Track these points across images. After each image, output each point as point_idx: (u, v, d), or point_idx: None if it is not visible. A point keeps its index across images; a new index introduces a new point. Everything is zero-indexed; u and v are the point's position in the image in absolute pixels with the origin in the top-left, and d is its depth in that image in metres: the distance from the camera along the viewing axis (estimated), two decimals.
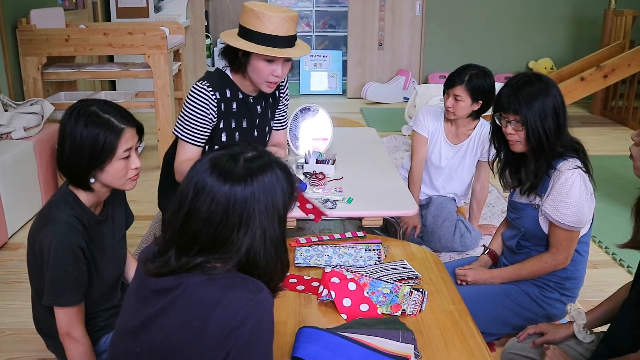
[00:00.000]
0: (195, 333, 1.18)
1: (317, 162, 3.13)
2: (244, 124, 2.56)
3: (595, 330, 2.03)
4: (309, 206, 1.95)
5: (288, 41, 2.32)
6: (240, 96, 2.49)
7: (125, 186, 1.89)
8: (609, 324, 1.88)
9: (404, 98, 8.02)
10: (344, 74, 8.72)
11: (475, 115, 3.27)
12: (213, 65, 9.35)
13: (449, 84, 3.18)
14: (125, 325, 1.34)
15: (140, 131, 1.87)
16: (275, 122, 2.75)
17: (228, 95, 2.47)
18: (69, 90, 5.42)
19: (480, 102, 3.16)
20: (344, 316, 1.85)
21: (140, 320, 1.28)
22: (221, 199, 1.20)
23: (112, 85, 7.20)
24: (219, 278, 1.22)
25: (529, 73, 2.26)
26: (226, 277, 1.22)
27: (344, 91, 8.73)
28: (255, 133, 2.64)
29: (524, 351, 2.12)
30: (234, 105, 2.48)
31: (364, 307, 1.87)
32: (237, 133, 2.55)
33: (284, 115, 2.77)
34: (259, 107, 2.59)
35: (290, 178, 1.29)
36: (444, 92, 3.25)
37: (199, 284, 1.22)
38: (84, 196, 1.86)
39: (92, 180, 1.81)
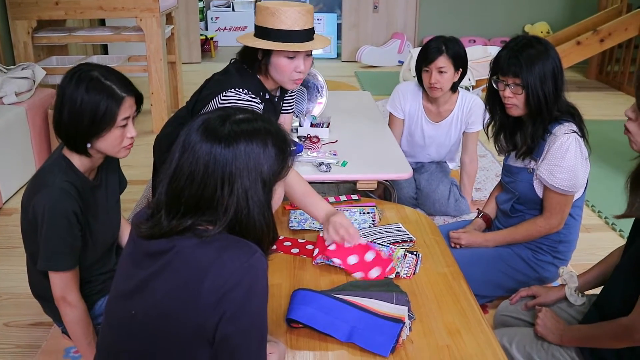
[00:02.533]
0: (189, 295, 1.19)
1: (312, 125, 3.12)
2: None
3: (586, 293, 2.05)
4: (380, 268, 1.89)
5: (307, 35, 2.26)
6: (267, 97, 2.42)
7: (119, 154, 1.87)
8: (601, 288, 1.90)
9: (399, 62, 7.97)
10: (339, 37, 8.65)
11: (454, 88, 3.21)
12: (206, 29, 9.25)
13: (429, 58, 3.05)
14: (120, 288, 1.34)
15: (138, 100, 1.86)
16: (282, 107, 2.70)
17: (260, 97, 2.40)
18: (60, 54, 5.36)
19: (460, 70, 3.12)
20: (359, 275, 1.85)
21: (134, 283, 1.29)
22: (202, 156, 1.20)
23: (104, 50, 7.12)
24: (212, 240, 1.22)
25: (528, 36, 2.23)
26: (219, 239, 1.23)
27: (339, 55, 8.67)
28: None
29: (516, 313, 2.15)
30: (262, 107, 2.43)
31: (369, 256, 1.89)
32: None
33: (292, 101, 2.73)
34: (281, 104, 2.56)
35: (283, 145, 1.28)
36: (421, 71, 3.13)
37: (192, 246, 1.22)
38: (77, 161, 1.85)
39: (89, 145, 1.80)
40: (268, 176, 1.25)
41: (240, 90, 2.28)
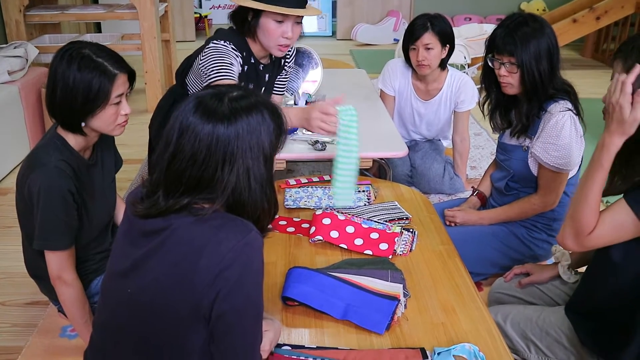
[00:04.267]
0: (185, 273, 1.19)
1: (307, 103, 3.10)
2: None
3: (579, 270, 2.06)
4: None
5: (298, 2, 2.25)
6: (252, 61, 2.42)
7: (113, 132, 1.87)
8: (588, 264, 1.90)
9: (394, 40, 7.93)
10: (334, 15, 8.59)
11: (443, 65, 3.21)
12: (200, 7, 9.18)
13: (415, 35, 3.06)
14: (116, 267, 1.34)
15: (131, 77, 1.85)
16: (274, 88, 2.69)
17: (244, 58, 2.40)
18: (53, 32, 5.31)
19: (447, 46, 3.11)
20: (359, 241, 1.88)
21: (130, 262, 1.29)
22: (204, 137, 1.19)
23: (97, 28, 7.07)
24: (208, 218, 1.22)
25: (523, 13, 2.23)
26: (215, 218, 1.23)
27: (334, 33, 8.62)
28: None
29: (511, 290, 2.16)
30: (246, 68, 2.41)
31: (374, 235, 1.91)
32: None
33: (284, 82, 2.72)
34: (266, 76, 2.54)
35: (278, 119, 1.28)
36: (408, 50, 3.14)
37: (188, 225, 1.22)
38: (72, 140, 1.84)
39: (83, 124, 1.80)
40: (269, 151, 1.25)
41: (223, 42, 2.30)
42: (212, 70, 2.21)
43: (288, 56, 2.63)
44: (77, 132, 1.81)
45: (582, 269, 2.06)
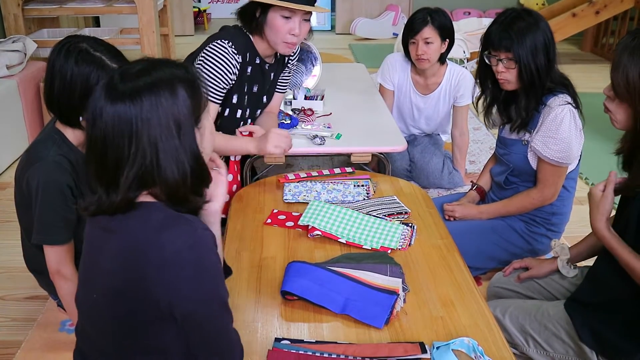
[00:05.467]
0: (137, 276, 1.18)
1: (306, 98, 3.10)
2: (255, 89, 2.49)
3: (578, 264, 2.07)
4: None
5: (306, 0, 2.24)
6: (257, 61, 2.40)
7: None
8: (594, 260, 1.91)
9: (394, 34, 7.91)
10: (333, 9, 8.56)
11: (442, 60, 3.20)
12: (199, 1, 9.15)
13: (414, 30, 3.06)
14: (83, 272, 1.35)
15: None
16: (277, 85, 2.68)
17: (247, 58, 2.39)
18: (52, 27, 5.29)
19: (447, 40, 3.11)
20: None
21: (90, 268, 1.29)
22: (108, 119, 1.16)
23: (96, 22, 7.04)
24: (150, 219, 1.20)
25: (518, 8, 2.23)
26: (157, 218, 1.20)
27: (333, 27, 8.59)
28: (264, 99, 2.59)
29: (510, 285, 2.16)
30: (249, 69, 2.40)
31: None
32: (246, 97, 2.48)
33: (286, 80, 2.71)
34: (272, 75, 2.53)
35: (192, 84, 1.23)
36: (407, 44, 3.14)
37: (133, 227, 1.20)
38: (71, 134, 1.84)
39: (81, 118, 1.79)
40: (182, 116, 1.19)
41: (226, 42, 2.28)
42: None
43: (292, 55, 2.63)
44: (75, 126, 1.81)
45: (581, 264, 2.07)
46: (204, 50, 2.32)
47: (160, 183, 1.20)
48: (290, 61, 2.64)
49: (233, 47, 2.29)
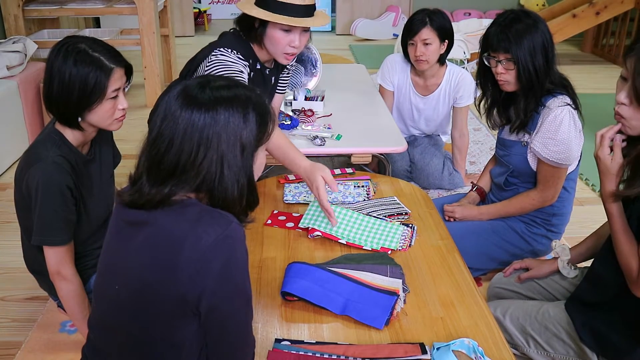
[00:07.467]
0: (167, 268, 1.20)
1: (306, 98, 3.10)
2: None
3: (579, 265, 2.07)
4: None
5: (306, 10, 2.20)
6: (258, 67, 2.38)
7: (111, 127, 1.86)
8: (592, 260, 1.91)
9: (394, 35, 7.91)
10: (333, 9, 8.57)
11: (442, 61, 3.20)
12: (199, 2, 9.16)
13: (413, 31, 3.05)
14: (104, 263, 1.36)
15: (128, 71, 1.84)
16: (277, 86, 2.67)
17: (249, 64, 2.35)
18: (52, 27, 5.30)
19: (446, 41, 3.11)
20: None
21: (115, 258, 1.30)
22: (182, 122, 1.21)
23: (96, 23, 7.05)
24: (186, 212, 1.23)
25: (516, 10, 2.23)
26: (193, 211, 1.23)
27: (333, 28, 8.60)
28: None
29: (510, 285, 2.16)
30: (251, 75, 2.37)
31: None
32: None
33: (286, 80, 2.70)
34: (272, 79, 2.53)
35: (262, 112, 1.28)
36: (406, 45, 3.14)
37: (168, 219, 1.22)
38: (70, 135, 1.84)
39: (80, 119, 1.79)
40: (248, 141, 1.25)
41: (230, 50, 2.26)
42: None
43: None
44: (74, 127, 1.81)
45: (582, 265, 2.07)
46: (210, 58, 2.26)
47: (219, 194, 1.24)
48: (288, 64, 2.63)
49: (239, 55, 2.27)
